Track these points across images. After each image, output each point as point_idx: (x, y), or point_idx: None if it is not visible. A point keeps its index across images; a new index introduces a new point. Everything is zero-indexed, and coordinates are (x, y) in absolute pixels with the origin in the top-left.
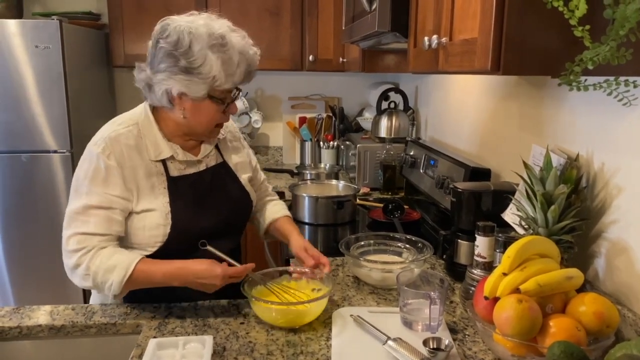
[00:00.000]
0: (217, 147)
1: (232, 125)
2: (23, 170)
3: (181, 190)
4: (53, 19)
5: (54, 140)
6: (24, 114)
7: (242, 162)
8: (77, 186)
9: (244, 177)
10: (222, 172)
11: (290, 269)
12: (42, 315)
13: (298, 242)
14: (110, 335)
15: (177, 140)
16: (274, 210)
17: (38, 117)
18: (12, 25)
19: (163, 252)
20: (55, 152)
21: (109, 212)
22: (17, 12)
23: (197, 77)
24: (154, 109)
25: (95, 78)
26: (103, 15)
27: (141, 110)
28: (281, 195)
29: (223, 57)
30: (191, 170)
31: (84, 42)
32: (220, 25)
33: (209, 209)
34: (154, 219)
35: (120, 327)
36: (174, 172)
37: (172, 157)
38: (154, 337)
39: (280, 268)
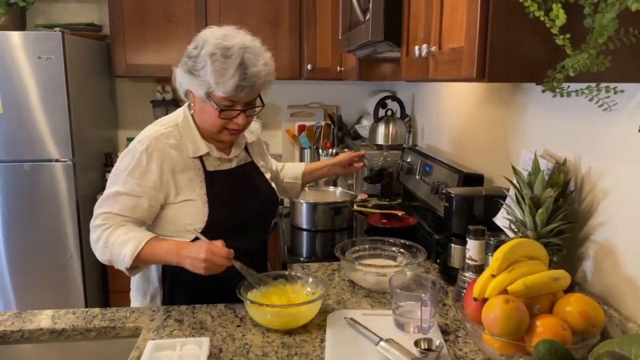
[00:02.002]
0: (246, 149)
1: (258, 134)
2: (25, 179)
3: (217, 183)
4: (55, 31)
5: (56, 150)
6: (26, 123)
7: (265, 165)
8: (116, 175)
9: (267, 176)
10: (252, 170)
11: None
12: (43, 319)
13: (333, 160)
14: (110, 338)
15: (210, 141)
16: (293, 166)
17: (40, 126)
18: (15, 36)
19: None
20: (57, 161)
21: (137, 200)
22: (20, 24)
23: (197, 79)
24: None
25: (97, 88)
26: (104, 27)
27: (181, 114)
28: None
29: (218, 66)
30: (224, 167)
31: (86, 53)
32: (237, 40)
33: (242, 202)
34: (193, 207)
35: (119, 330)
36: (210, 168)
37: (208, 154)
38: (152, 339)
39: (275, 272)
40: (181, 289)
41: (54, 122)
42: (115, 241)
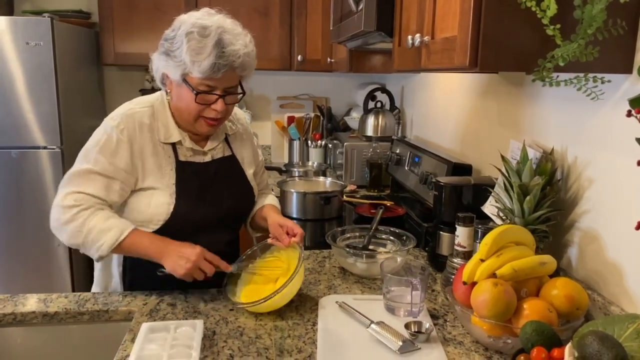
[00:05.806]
0: (227, 140)
1: (244, 119)
2: (12, 166)
3: (187, 174)
4: (44, 17)
5: (43, 137)
6: (14, 110)
7: (249, 157)
8: (86, 152)
9: (249, 172)
10: (229, 165)
11: (269, 240)
12: (35, 302)
13: (273, 219)
14: (103, 322)
15: (185, 130)
16: (259, 202)
17: (28, 113)
18: (2, 22)
19: (164, 233)
20: (45, 148)
21: (110, 181)
22: (7, 9)
23: (173, 60)
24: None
25: (85, 75)
26: (93, 14)
27: (158, 96)
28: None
29: (194, 45)
30: (197, 159)
31: (75, 40)
32: (215, 19)
33: (211, 200)
34: (159, 196)
35: (112, 314)
36: (182, 157)
37: (180, 142)
38: (146, 322)
39: (261, 244)
40: (141, 285)
41: (42, 109)
42: (94, 227)
